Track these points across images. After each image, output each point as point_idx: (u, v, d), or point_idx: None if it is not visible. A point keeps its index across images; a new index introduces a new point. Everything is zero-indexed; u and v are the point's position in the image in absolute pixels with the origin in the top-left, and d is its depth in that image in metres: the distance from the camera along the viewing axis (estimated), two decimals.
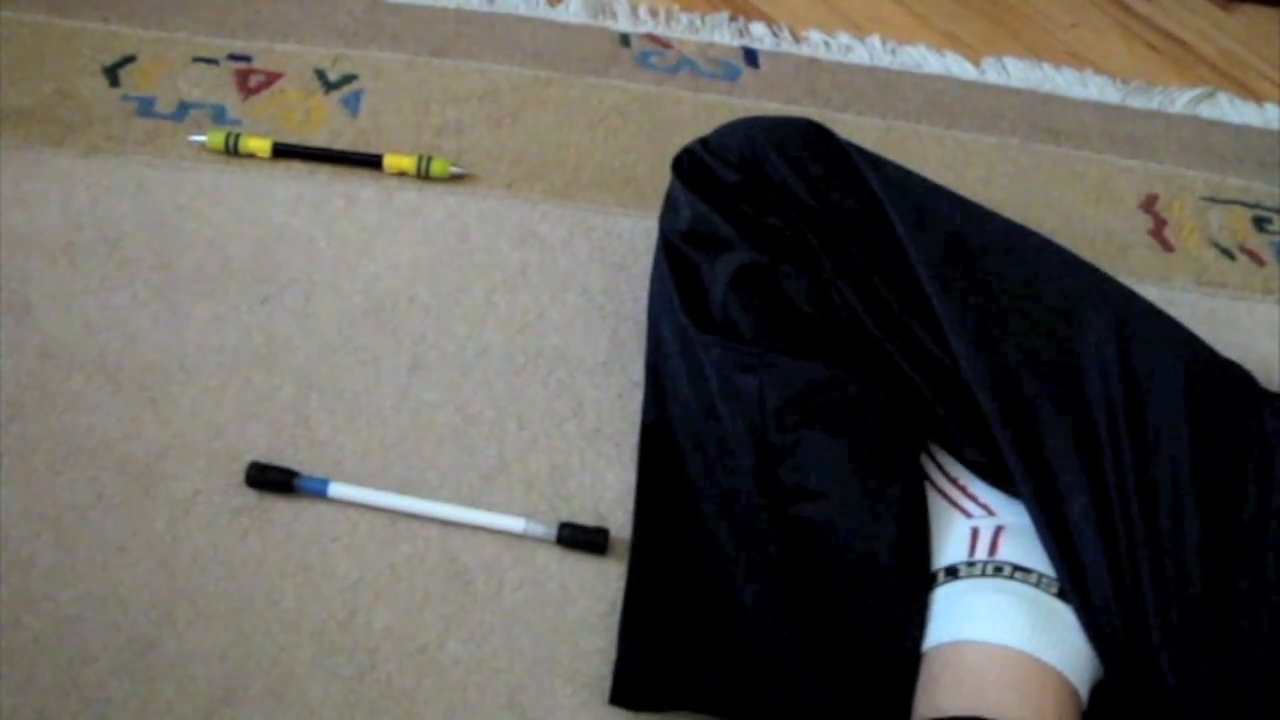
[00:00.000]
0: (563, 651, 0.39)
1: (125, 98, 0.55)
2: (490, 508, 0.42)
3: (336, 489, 0.41)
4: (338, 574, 0.40)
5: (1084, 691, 0.32)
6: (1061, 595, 0.33)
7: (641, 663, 0.37)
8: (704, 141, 0.43)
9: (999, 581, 0.34)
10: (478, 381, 0.46)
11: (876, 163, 0.41)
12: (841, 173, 0.40)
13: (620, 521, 0.42)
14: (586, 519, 0.42)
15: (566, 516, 0.42)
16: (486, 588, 0.40)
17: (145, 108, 0.54)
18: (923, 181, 0.42)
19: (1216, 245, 0.57)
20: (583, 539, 0.40)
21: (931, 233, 0.39)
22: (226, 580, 0.39)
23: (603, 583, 0.40)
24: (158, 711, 0.36)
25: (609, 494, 0.43)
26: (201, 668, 0.37)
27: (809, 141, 0.41)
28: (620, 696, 0.37)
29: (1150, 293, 0.43)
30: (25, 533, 0.40)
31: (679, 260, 0.43)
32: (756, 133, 0.42)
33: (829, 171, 0.40)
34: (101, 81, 0.55)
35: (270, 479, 0.41)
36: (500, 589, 0.40)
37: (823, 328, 0.39)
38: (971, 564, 0.35)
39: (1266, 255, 0.57)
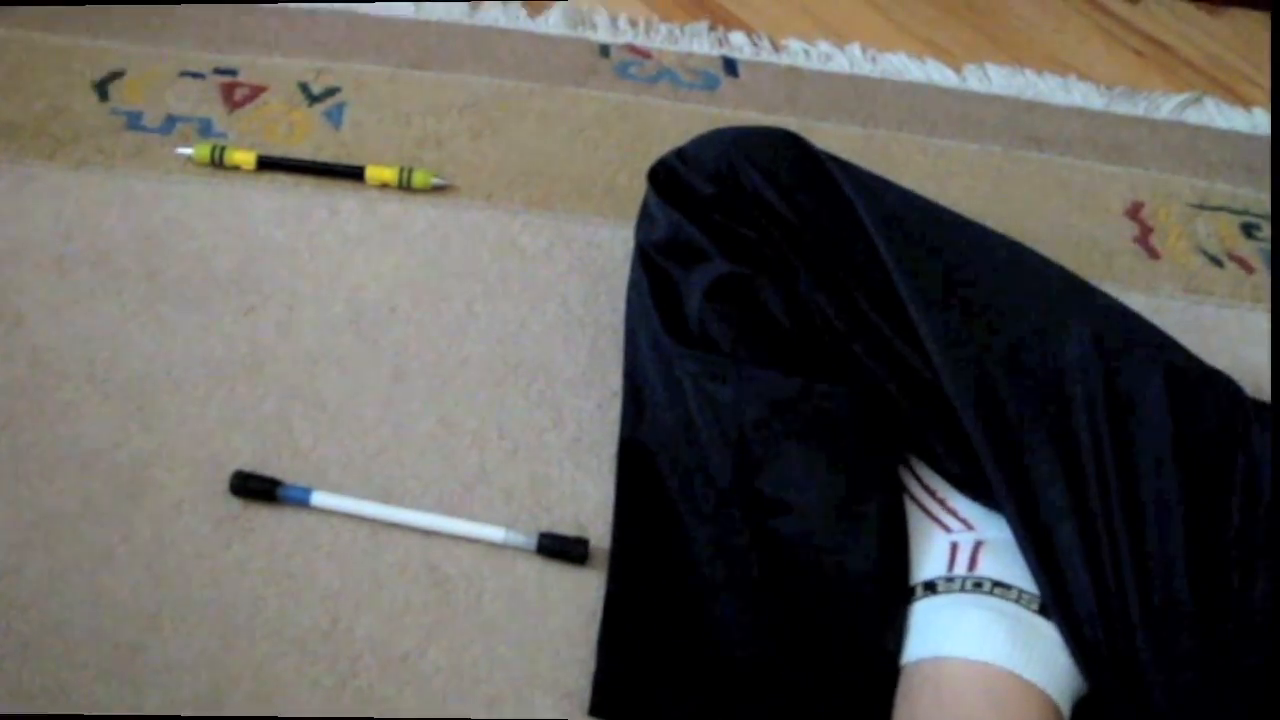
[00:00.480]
0: (543, 661, 0.39)
1: (114, 112, 0.55)
2: (471, 517, 0.42)
3: (319, 498, 0.42)
4: (320, 582, 0.40)
5: (1066, 708, 0.32)
6: (1043, 611, 0.33)
7: (620, 674, 0.37)
8: (679, 153, 0.43)
9: (978, 597, 0.34)
10: (459, 391, 0.46)
11: (851, 171, 0.41)
12: (816, 182, 0.40)
13: (600, 532, 0.42)
14: (567, 529, 0.42)
15: (547, 526, 0.42)
16: (467, 597, 0.40)
17: (133, 121, 0.55)
18: (899, 190, 0.42)
19: (1204, 252, 0.56)
20: (562, 549, 0.41)
21: (907, 242, 0.39)
22: (211, 588, 0.40)
23: (583, 593, 0.40)
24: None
25: (589, 504, 0.43)
26: (187, 675, 0.38)
27: (784, 151, 0.41)
28: (599, 708, 0.37)
29: (1137, 301, 0.43)
30: (14, 540, 0.40)
31: (655, 272, 0.43)
32: (731, 143, 0.42)
33: (804, 181, 0.40)
34: (91, 96, 0.56)
35: (254, 488, 0.42)
36: (480, 598, 0.40)
37: (800, 339, 0.39)
38: (950, 579, 0.35)
39: (1254, 262, 0.56)
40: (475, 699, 0.38)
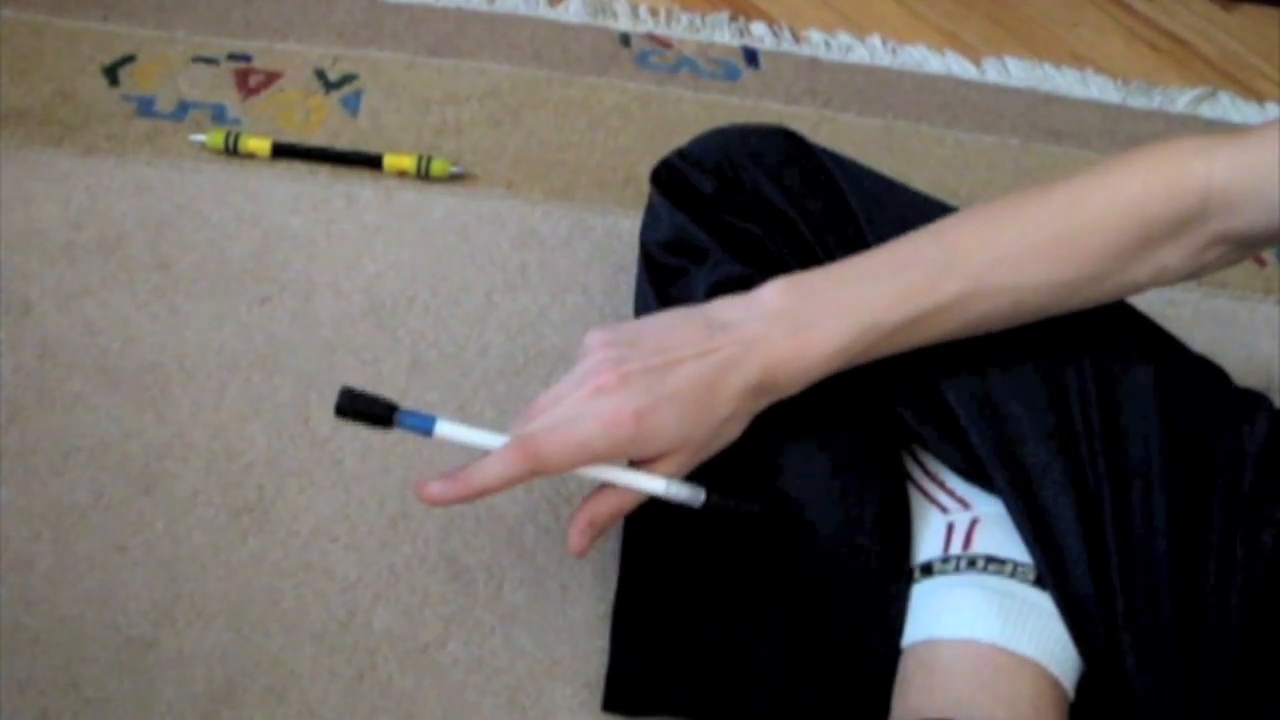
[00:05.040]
0: (563, 652, 0.39)
1: (125, 97, 0.54)
2: (490, 507, 0.42)
3: (444, 428, 0.33)
4: (337, 574, 0.40)
5: (1067, 680, 0.32)
6: (1038, 583, 0.33)
7: (632, 670, 0.37)
8: (681, 152, 0.43)
9: (971, 575, 0.33)
10: (478, 381, 0.46)
11: (850, 169, 0.41)
12: (817, 180, 0.40)
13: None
14: None
15: (567, 516, 0.42)
16: (487, 588, 0.40)
17: (145, 107, 0.54)
18: (895, 187, 0.42)
19: None
20: (734, 508, 0.34)
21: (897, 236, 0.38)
22: (226, 580, 0.39)
23: (603, 583, 0.40)
24: (158, 712, 0.36)
25: None
26: (201, 668, 0.37)
27: (784, 149, 0.41)
28: (612, 703, 0.37)
29: (1151, 293, 0.43)
30: (25, 533, 0.40)
31: (659, 271, 0.42)
32: (732, 141, 0.41)
33: (804, 179, 0.40)
34: (101, 81, 0.55)
35: (364, 409, 0.32)
36: (500, 589, 0.40)
37: None
38: (946, 560, 0.35)
39: (1267, 255, 0.57)
40: (495, 690, 0.38)
